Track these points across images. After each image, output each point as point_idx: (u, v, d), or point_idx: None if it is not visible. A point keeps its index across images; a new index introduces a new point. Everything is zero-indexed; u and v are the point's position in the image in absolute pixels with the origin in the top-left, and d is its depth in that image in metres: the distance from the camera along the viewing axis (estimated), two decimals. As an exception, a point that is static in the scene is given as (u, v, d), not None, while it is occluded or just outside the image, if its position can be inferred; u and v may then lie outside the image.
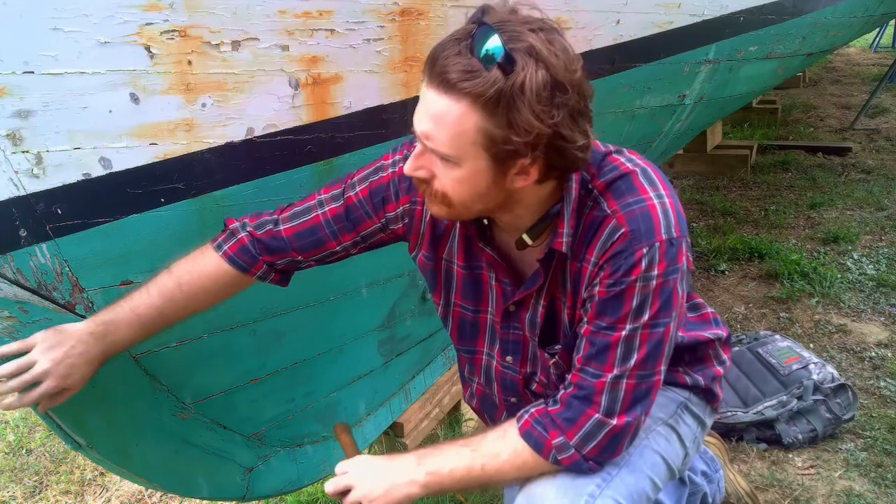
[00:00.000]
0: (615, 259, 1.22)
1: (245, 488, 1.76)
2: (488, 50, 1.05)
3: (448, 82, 1.07)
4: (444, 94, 1.08)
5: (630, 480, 1.34)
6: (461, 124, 1.09)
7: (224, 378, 1.66)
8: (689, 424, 1.53)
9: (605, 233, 1.23)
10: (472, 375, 1.61)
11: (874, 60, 9.01)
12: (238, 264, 1.39)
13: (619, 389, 1.26)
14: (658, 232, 1.21)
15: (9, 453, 2.81)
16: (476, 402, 1.65)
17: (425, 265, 1.47)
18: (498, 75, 1.05)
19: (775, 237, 4.07)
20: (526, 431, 1.30)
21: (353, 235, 1.42)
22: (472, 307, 1.47)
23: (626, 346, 1.24)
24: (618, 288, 1.22)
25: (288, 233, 1.40)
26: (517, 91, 1.05)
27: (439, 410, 2.56)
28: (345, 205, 1.40)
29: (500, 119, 1.07)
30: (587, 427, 1.27)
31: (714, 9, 2.75)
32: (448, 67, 1.06)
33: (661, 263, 1.20)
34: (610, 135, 2.64)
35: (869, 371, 2.81)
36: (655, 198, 1.23)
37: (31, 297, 1.28)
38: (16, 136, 1.17)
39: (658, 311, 1.23)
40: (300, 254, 1.41)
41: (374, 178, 1.40)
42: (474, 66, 1.06)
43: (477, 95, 1.06)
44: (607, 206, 1.24)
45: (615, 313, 1.23)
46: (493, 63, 1.05)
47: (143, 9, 1.25)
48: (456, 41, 1.08)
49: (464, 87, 1.06)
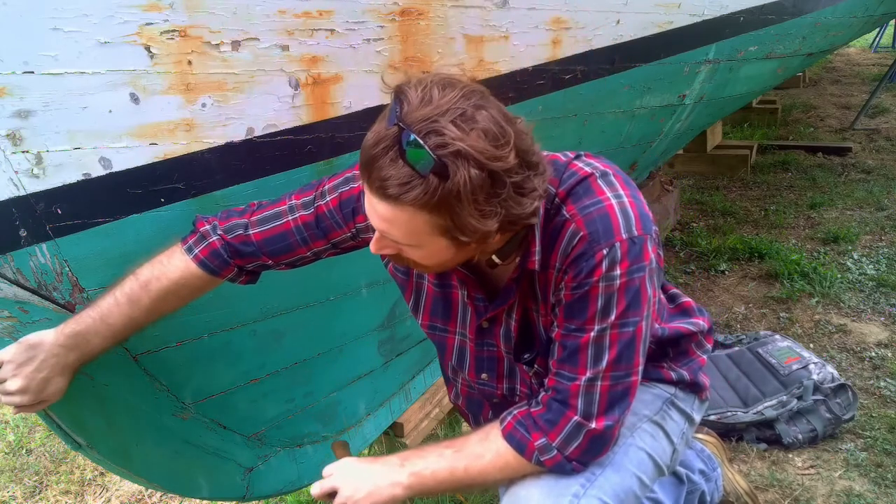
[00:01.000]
0: (576, 262, 1.23)
1: (245, 488, 1.76)
2: (419, 160, 1.04)
3: (389, 196, 1.07)
4: (387, 203, 1.09)
5: (615, 479, 1.35)
6: (411, 224, 1.10)
7: (224, 378, 1.66)
8: (676, 420, 1.53)
9: (566, 238, 1.24)
10: (456, 377, 1.62)
11: (874, 60, 9.01)
12: (209, 268, 1.38)
13: (594, 392, 1.26)
14: (617, 232, 1.21)
15: (9, 453, 2.81)
16: (462, 401, 1.66)
17: (395, 275, 1.48)
18: (434, 181, 1.05)
19: (775, 237, 4.07)
20: (508, 433, 1.31)
21: (324, 242, 1.41)
22: (440, 325, 1.47)
23: (597, 347, 1.25)
24: (581, 290, 1.23)
25: (258, 237, 1.39)
26: (454, 199, 1.06)
27: (439, 410, 2.56)
28: (315, 213, 1.39)
29: (446, 217, 1.08)
30: (567, 429, 1.28)
31: (714, 9, 2.75)
32: (386, 181, 1.06)
33: (623, 262, 1.21)
34: (610, 135, 2.65)
35: (869, 371, 2.81)
36: (613, 198, 1.24)
37: (31, 297, 1.28)
38: (16, 136, 1.17)
39: (625, 309, 1.24)
40: (270, 258, 1.41)
41: (345, 188, 1.38)
42: (409, 175, 1.05)
43: (419, 204, 1.06)
44: (566, 211, 1.25)
45: (582, 315, 1.24)
46: (427, 171, 1.04)
47: (143, 9, 1.25)
48: (384, 150, 1.07)
49: (405, 199, 1.06)
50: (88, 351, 1.30)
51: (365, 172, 1.10)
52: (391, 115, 1.08)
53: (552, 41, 2.04)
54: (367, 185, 1.11)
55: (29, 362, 1.26)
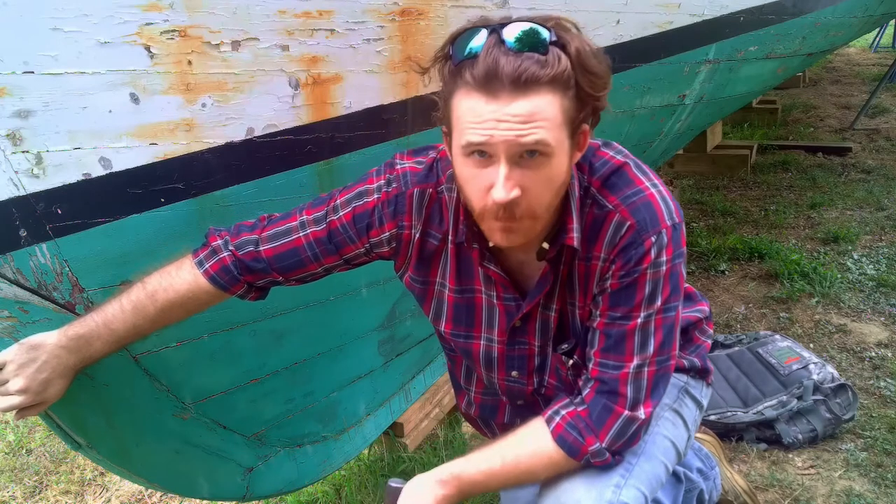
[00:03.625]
0: (626, 251, 1.24)
1: (245, 488, 1.76)
2: (537, 36, 1.09)
3: (529, 80, 1.08)
4: (527, 92, 1.09)
5: (648, 468, 1.37)
6: (551, 111, 1.11)
7: (224, 378, 1.66)
8: (690, 407, 1.55)
9: (611, 228, 1.25)
10: (470, 384, 1.61)
11: (874, 60, 9.01)
12: (219, 283, 1.38)
13: (642, 378, 1.28)
14: (662, 219, 1.24)
15: (9, 453, 2.81)
16: (475, 409, 1.64)
17: (412, 286, 1.47)
18: (559, 53, 1.09)
19: (775, 237, 4.07)
20: (560, 436, 1.30)
21: (336, 258, 1.40)
22: (464, 332, 1.46)
23: (643, 334, 1.26)
24: (630, 278, 1.24)
25: (268, 254, 1.37)
26: (584, 56, 1.11)
27: (439, 410, 2.56)
28: (327, 229, 1.37)
29: (575, 90, 1.12)
30: (617, 425, 1.28)
31: (714, 9, 2.75)
32: (519, 69, 1.07)
33: (668, 249, 1.24)
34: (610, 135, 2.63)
35: (869, 371, 2.81)
36: (652, 187, 1.27)
37: (31, 297, 1.28)
38: (16, 136, 1.17)
39: (669, 295, 1.26)
40: (281, 274, 1.40)
41: (358, 203, 1.37)
42: (537, 56, 1.08)
43: (558, 77, 1.09)
44: (607, 202, 1.26)
45: (629, 302, 1.26)
46: (547, 46, 1.09)
47: (143, 9, 1.25)
48: (494, 48, 1.09)
49: (547, 76, 1.08)
50: (90, 355, 1.30)
51: (487, 83, 1.09)
52: (472, 25, 1.12)
53: (552, 41, 2.03)
54: (491, 92, 1.09)
55: (30, 363, 1.25)
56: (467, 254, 1.36)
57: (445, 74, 1.17)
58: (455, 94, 1.14)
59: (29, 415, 1.30)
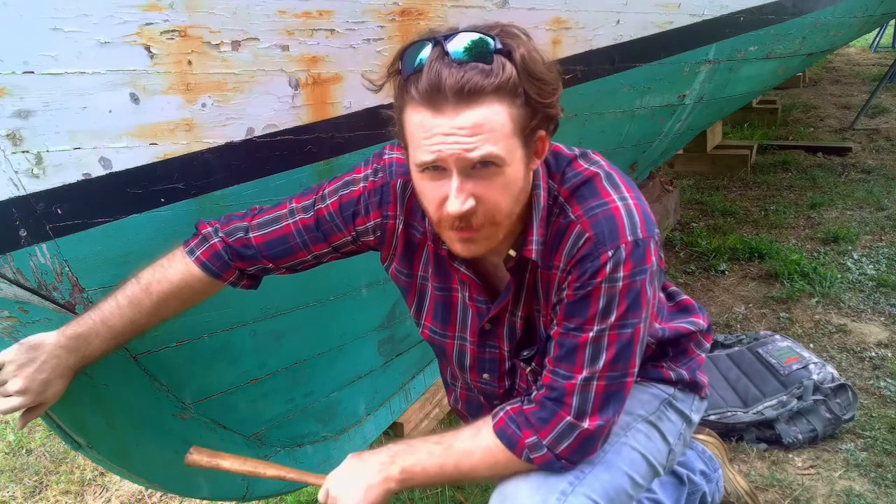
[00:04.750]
0: (581, 263, 1.23)
1: (245, 488, 1.76)
2: (479, 46, 1.08)
3: (473, 91, 1.08)
4: (471, 104, 1.09)
5: (605, 477, 1.35)
6: (500, 121, 1.11)
7: (224, 378, 1.66)
8: (673, 420, 1.53)
9: (571, 239, 1.25)
10: (455, 381, 1.62)
11: (874, 60, 9.01)
12: (211, 270, 1.38)
13: (589, 391, 1.27)
14: (623, 234, 1.22)
15: (9, 453, 2.81)
16: (461, 405, 1.66)
17: (398, 278, 1.48)
18: (503, 61, 1.09)
19: (775, 237, 4.07)
20: (500, 429, 1.31)
21: (325, 245, 1.41)
22: (439, 330, 1.47)
23: (595, 347, 1.25)
24: (584, 290, 1.24)
25: (258, 240, 1.39)
26: (529, 62, 1.10)
27: (439, 410, 2.56)
28: (315, 216, 1.39)
29: (523, 97, 1.11)
30: (559, 428, 1.28)
31: (714, 9, 2.75)
32: (462, 80, 1.07)
33: (626, 265, 1.22)
34: (610, 135, 2.65)
35: (869, 371, 2.81)
36: (619, 200, 1.25)
37: (31, 297, 1.28)
38: (16, 136, 1.17)
39: (625, 311, 1.24)
40: (271, 261, 1.41)
41: (345, 191, 1.39)
42: (480, 66, 1.08)
43: (503, 86, 1.09)
44: (571, 212, 1.26)
45: (582, 315, 1.25)
46: (492, 55, 1.08)
47: (143, 9, 1.25)
48: (436, 61, 1.09)
49: (491, 85, 1.08)
50: (89, 353, 1.30)
51: (427, 92, 1.09)
52: (414, 43, 1.12)
53: (552, 41, 2.04)
54: (437, 106, 1.10)
55: (30, 363, 1.26)
56: (442, 253, 1.37)
57: (396, 89, 1.17)
58: (405, 110, 1.15)
59: (31, 418, 1.30)
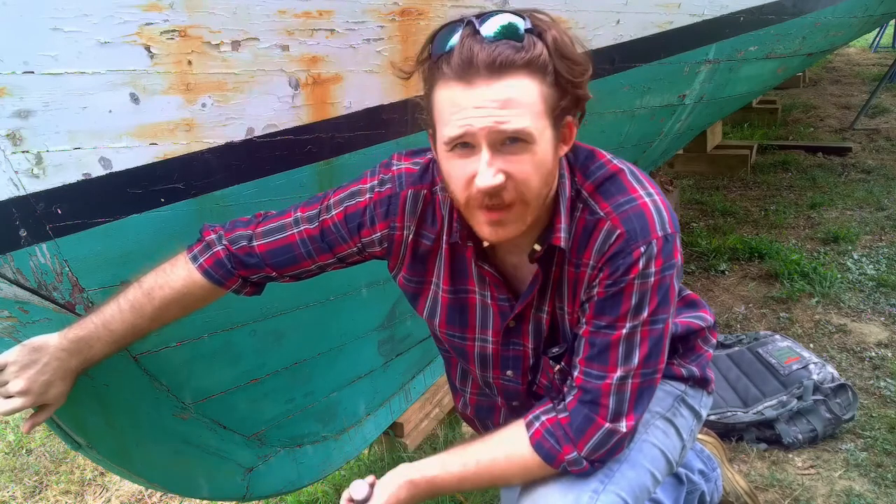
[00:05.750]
0: (613, 260, 1.22)
1: (245, 488, 1.76)
2: (511, 24, 1.10)
3: (504, 63, 1.08)
4: (503, 76, 1.09)
5: (631, 475, 1.35)
6: (531, 96, 1.11)
7: (224, 378, 1.66)
8: (686, 417, 1.54)
9: (601, 235, 1.24)
10: (465, 386, 1.61)
11: (874, 60, 9.01)
12: (213, 277, 1.38)
13: (625, 391, 1.26)
14: (653, 230, 1.22)
15: (9, 453, 2.81)
16: (470, 410, 1.65)
17: (406, 286, 1.46)
18: (534, 39, 1.10)
19: (775, 237, 4.07)
20: (538, 442, 1.29)
21: (329, 256, 1.40)
22: (458, 334, 1.46)
23: (628, 345, 1.25)
24: (616, 287, 1.23)
25: (262, 249, 1.38)
26: (560, 43, 1.12)
27: (439, 410, 2.56)
28: (320, 227, 1.38)
29: (554, 77, 1.12)
30: (597, 437, 1.27)
31: (714, 9, 2.75)
32: (493, 53, 1.08)
33: (657, 260, 1.22)
34: (610, 135, 2.64)
35: (869, 371, 2.81)
36: (646, 196, 1.25)
37: (31, 297, 1.28)
38: (16, 136, 1.17)
39: (657, 307, 1.24)
40: (274, 270, 1.40)
41: (350, 202, 1.37)
42: (512, 44, 1.09)
43: (534, 62, 1.10)
44: (599, 209, 1.25)
45: (614, 312, 1.24)
46: (523, 34, 1.10)
47: (143, 9, 1.25)
48: (468, 38, 1.10)
49: (522, 59, 1.09)
50: (90, 356, 1.30)
51: (459, 65, 1.10)
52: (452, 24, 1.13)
53: (552, 41, 2.03)
54: (469, 79, 1.10)
55: (31, 365, 1.26)
56: (461, 253, 1.36)
57: (426, 73, 1.18)
58: (435, 89, 1.15)
59: (38, 422, 1.30)
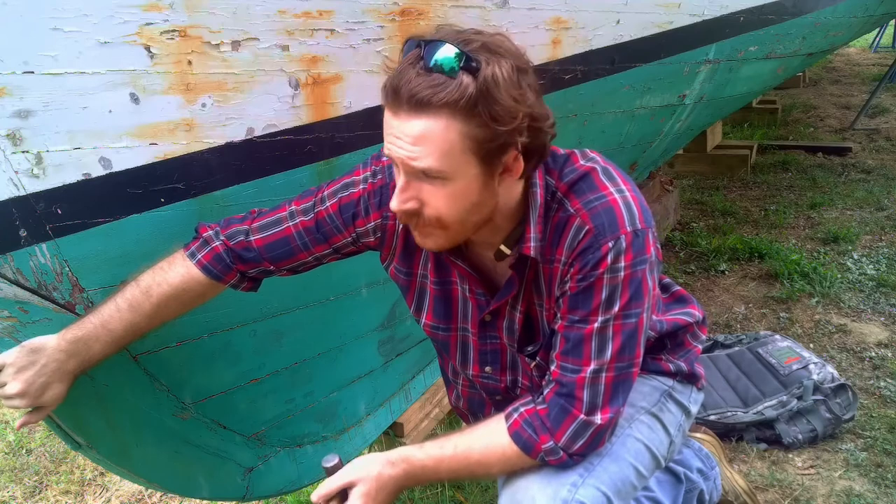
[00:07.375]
0: (583, 255, 1.24)
1: (245, 488, 1.77)
2: (446, 58, 1.07)
3: (421, 101, 1.08)
4: (419, 114, 1.09)
5: (613, 469, 1.36)
6: (446, 137, 1.10)
7: (224, 378, 1.66)
8: (673, 412, 1.55)
9: (571, 232, 1.26)
10: (457, 378, 1.63)
11: (874, 60, 9.02)
12: (212, 273, 1.38)
13: (598, 383, 1.28)
14: (622, 225, 1.24)
15: (9, 453, 2.81)
16: (463, 402, 1.66)
17: (397, 276, 1.48)
18: (467, 78, 1.07)
19: (775, 237, 4.07)
20: (515, 432, 1.31)
21: (325, 247, 1.42)
22: (443, 325, 1.48)
23: (601, 338, 1.27)
24: (587, 282, 1.25)
25: (259, 243, 1.39)
26: (491, 84, 1.08)
27: (439, 410, 2.56)
28: (315, 219, 1.39)
29: (481, 118, 1.09)
30: (573, 428, 1.29)
31: (714, 9, 2.75)
32: (415, 89, 1.08)
33: (627, 255, 1.24)
34: (610, 135, 2.65)
35: (869, 371, 2.81)
36: (616, 192, 1.27)
37: (31, 297, 1.28)
38: (16, 136, 1.17)
39: (628, 301, 1.26)
40: (272, 263, 1.41)
41: (344, 193, 1.39)
42: (439, 79, 1.07)
43: (454, 103, 1.08)
44: (570, 206, 1.27)
45: (586, 306, 1.26)
46: (456, 70, 1.07)
47: (143, 9, 1.25)
48: (410, 65, 1.10)
49: (439, 100, 1.07)
50: (89, 357, 1.30)
51: (391, 94, 1.10)
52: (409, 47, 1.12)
53: (552, 41, 2.04)
54: (391, 105, 1.11)
55: (29, 366, 1.26)
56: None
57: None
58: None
59: (32, 422, 1.30)
